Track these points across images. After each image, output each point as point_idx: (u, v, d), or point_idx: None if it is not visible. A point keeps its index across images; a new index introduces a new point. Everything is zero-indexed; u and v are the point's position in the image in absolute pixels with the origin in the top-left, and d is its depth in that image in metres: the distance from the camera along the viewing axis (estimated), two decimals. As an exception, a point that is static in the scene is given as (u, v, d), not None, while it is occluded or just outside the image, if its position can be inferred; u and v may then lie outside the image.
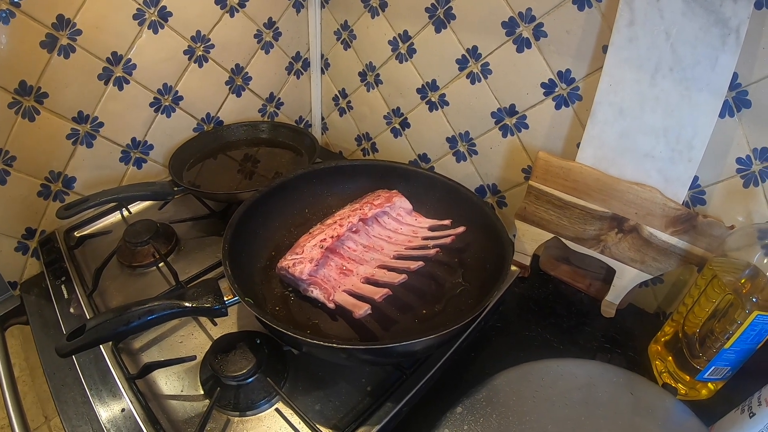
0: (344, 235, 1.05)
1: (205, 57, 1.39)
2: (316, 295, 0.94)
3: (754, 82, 0.90)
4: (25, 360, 1.22)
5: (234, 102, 1.54)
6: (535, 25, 1.12)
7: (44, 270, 1.19)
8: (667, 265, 1.05)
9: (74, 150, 1.25)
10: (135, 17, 1.21)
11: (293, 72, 1.66)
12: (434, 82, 1.37)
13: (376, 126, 1.62)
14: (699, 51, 0.90)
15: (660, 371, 1.01)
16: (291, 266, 0.97)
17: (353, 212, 1.09)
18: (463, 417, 0.84)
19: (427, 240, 1.08)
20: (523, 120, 1.24)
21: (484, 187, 1.43)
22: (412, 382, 0.90)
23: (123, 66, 1.24)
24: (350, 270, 1.01)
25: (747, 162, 0.96)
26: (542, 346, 1.08)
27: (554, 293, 1.23)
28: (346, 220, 1.07)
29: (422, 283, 1.02)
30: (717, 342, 0.87)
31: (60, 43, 1.12)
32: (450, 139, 1.42)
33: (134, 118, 1.34)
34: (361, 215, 1.09)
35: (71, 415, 0.90)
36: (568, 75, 1.12)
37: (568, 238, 1.15)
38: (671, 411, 0.87)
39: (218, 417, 0.87)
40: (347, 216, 1.08)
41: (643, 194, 1.02)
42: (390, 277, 0.98)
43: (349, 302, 0.93)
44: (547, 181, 1.13)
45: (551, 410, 0.85)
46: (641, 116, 1.00)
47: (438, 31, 1.29)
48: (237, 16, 1.41)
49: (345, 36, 1.54)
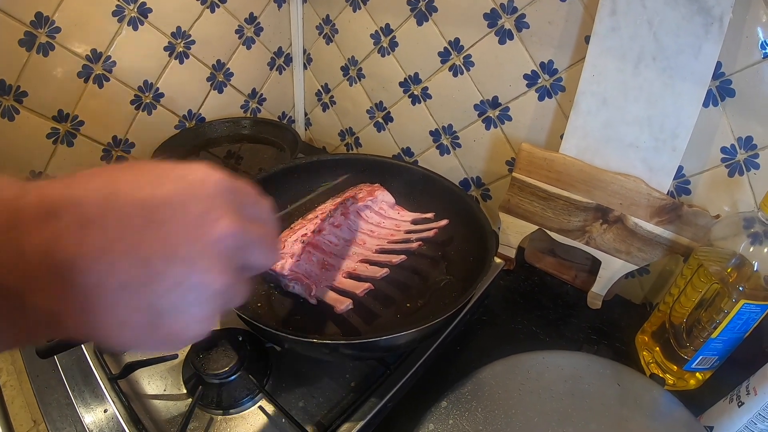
0: (326, 229, 1.04)
1: (185, 53, 1.38)
2: (298, 291, 0.93)
3: (738, 71, 0.90)
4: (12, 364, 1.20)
5: (216, 98, 1.53)
6: (517, 17, 1.11)
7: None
8: (653, 256, 1.04)
9: (55, 149, 1.23)
10: (114, 14, 1.20)
11: (275, 67, 1.65)
12: (417, 75, 1.36)
13: (360, 120, 1.61)
14: (682, 40, 0.89)
15: (647, 362, 1.01)
16: (272, 262, 0.96)
17: (335, 206, 1.08)
18: (449, 411, 0.84)
19: (409, 233, 1.07)
20: (506, 112, 1.24)
21: (468, 180, 1.42)
22: (396, 377, 0.90)
23: (103, 63, 1.23)
24: (332, 265, 1.00)
25: (731, 151, 0.96)
26: (528, 338, 1.08)
27: (540, 285, 1.23)
28: (328, 214, 1.05)
29: (405, 277, 1.01)
30: (704, 332, 0.87)
31: (39, 41, 1.10)
32: (433, 132, 1.42)
33: (115, 115, 1.33)
34: (342, 209, 1.08)
35: (55, 418, 0.88)
36: (551, 66, 1.12)
37: (553, 229, 1.14)
38: (659, 401, 0.87)
39: (201, 416, 0.86)
40: (329, 210, 1.06)
41: (627, 184, 1.02)
42: (372, 271, 0.97)
43: (331, 297, 0.92)
44: (530, 173, 1.13)
45: (537, 403, 0.85)
46: (624, 106, 1.00)
47: (420, 24, 1.28)
48: (218, 12, 1.39)
49: (327, 30, 1.53)
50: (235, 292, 0.44)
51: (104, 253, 0.36)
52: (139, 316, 0.38)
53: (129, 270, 0.37)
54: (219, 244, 0.40)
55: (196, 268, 0.39)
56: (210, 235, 0.40)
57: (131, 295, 0.37)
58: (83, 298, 0.36)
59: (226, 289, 0.41)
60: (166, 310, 0.38)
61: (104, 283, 0.36)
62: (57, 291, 0.36)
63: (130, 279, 0.37)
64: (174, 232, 0.39)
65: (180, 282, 0.38)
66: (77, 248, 0.35)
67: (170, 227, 0.39)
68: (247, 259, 0.45)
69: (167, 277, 0.38)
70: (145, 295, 0.37)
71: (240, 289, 0.45)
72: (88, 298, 0.36)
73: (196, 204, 0.40)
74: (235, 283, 0.43)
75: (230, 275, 0.42)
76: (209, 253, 0.40)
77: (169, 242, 0.38)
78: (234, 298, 0.44)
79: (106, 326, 0.37)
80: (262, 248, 0.47)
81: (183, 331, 0.40)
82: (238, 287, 0.44)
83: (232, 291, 0.43)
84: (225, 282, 0.41)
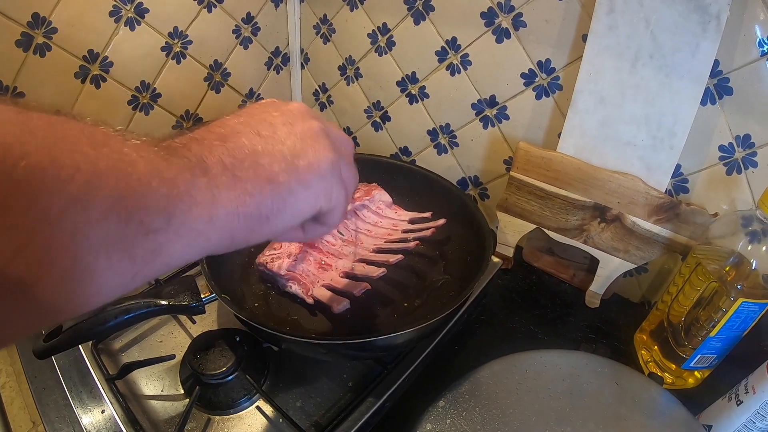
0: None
1: (183, 53, 1.38)
2: (295, 291, 0.93)
3: (736, 69, 0.90)
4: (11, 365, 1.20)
5: (213, 98, 1.52)
6: (514, 15, 1.11)
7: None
8: (651, 254, 1.04)
9: (52, 150, 1.23)
10: (111, 14, 1.19)
11: (273, 67, 1.65)
12: (414, 74, 1.36)
13: (357, 120, 1.60)
14: (679, 38, 0.89)
15: (646, 361, 1.01)
16: (269, 262, 0.96)
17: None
18: (446, 411, 0.84)
19: (407, 233, 1.07)
20: (503, 111, 1.23)
21: (466, 179, 1.42)
22: (393, 376, 0.89)
23: (100, 64, 1.22)
24: (329, 264, 0.99)
25: (729, 149, 0.96)
26: (526, 337, 1.08)
27: (538, 284, 1.23)
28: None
29: (403, 277, 1.01)
30: (702, 330, 0.87)
31: (35, 42, 1.10)
32: (431, 131, 1.41)
33: (112, 116, 1.32)
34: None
35: (53, 419, 0.88)
36: (548, 65, 1.11)
37: (551, 228, 1.14)
38: (657, 400, 0.87)
39: (199, 416, 0.86)
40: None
41: (625, 183, 1.02)
42: (369, 270, 0.97)
43: (328, 297, 0.92)
44: (528, 172, 1.12)
45: (535, 402, 0.85)
46: (622, 104, 0.99)
47: (417, 23, 1.28)
48: (215, 12, 1.39)
49: (324, 30, 1.53)
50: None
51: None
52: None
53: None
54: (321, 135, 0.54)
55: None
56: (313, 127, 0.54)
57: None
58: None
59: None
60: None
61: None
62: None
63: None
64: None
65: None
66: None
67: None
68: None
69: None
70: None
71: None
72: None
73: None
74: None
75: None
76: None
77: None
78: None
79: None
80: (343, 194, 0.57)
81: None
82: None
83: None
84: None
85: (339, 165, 0.54)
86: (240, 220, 0.46)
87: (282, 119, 0.52)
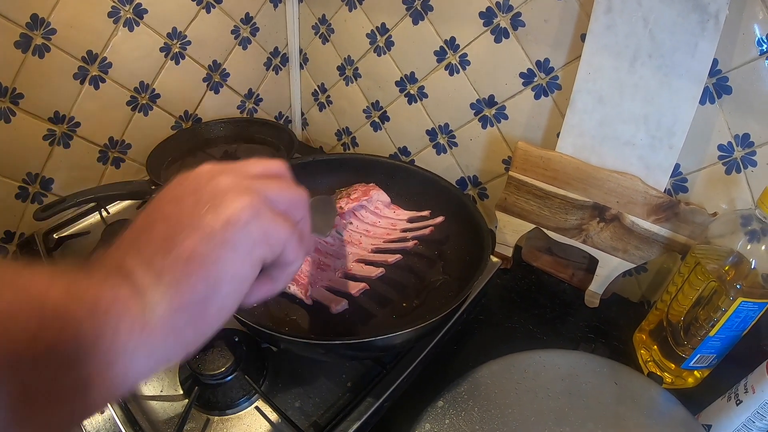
0: None
1: (181, 54, 1.38)
2: (293, 291, 0.93)
3: (735, 68, 0.90)
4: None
5: (212, 99, 1.53)
6: (512, 15, 1.11)
7: (23, 273, 1.17)
8: (650, 254, 1.04)
9: (51, 151, 1.23)
10: (110, 15, 1.20)
11: (272, 67, 1.65)
12: (413, 74, 1.36)
13: (356, 120, 1.61)
14: (678, 37, 0.89)
15: (645, 360, 1.01)
16: (267, 263, 0.96)
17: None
18: (445, 411, 0.83)
19: (405, 232, 1.07)
20: (502, 111, 1.23)
21: (465, 179, 1.42)
22: (392, 376, 0.89)
23: (99, 65, 1.23)
24: (327, 265, 0.99)
25: (729, 149, 0.96)
26: (525, 337, 1.08)
27: (537, 284, 1.23)
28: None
29: (402, 277, 1.00)
30: (702, 330, 0.87)
31: (34, 43, 1.10)
32: (430, 131, 1.42)
33: (111, 117, 1.32)
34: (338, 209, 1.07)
35: (51, 419, 0.88)
36: (547, 64, 1.11)
37: (550, 228, 1.14)
38: (657, 400, 0.87)
39: (198, 416, 0.86)
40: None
41: (624, 182, 1.02)
42: (367, 271, 0.97)
43: (327, 297, 0.91)
44: (527, 172, 1.12)
45: (534, 402, 0.85)
46: (621, 104, 0.99)
47: (416, 23, 1.28)
48: (213, 12, 1.39)
49: (323, 30, 1.53)
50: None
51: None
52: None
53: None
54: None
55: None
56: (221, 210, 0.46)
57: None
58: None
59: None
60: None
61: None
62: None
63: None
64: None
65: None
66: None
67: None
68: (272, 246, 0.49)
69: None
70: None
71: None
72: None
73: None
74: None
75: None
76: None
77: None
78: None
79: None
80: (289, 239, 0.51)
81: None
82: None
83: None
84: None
85: (262, 202, 0.48)
86: (179, 314, 0.43)
87: (188, 190, 0.48)
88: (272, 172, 0.55)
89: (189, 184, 0.48)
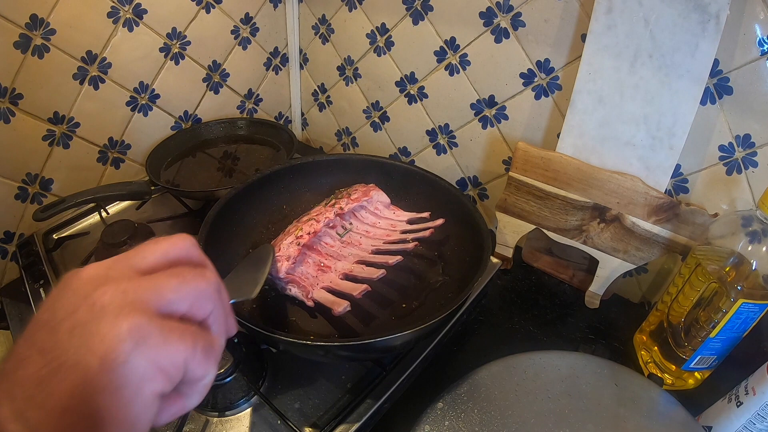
0: (321, 230, 1.03)
1: (181, 54, 1.38)
2: (295, 293, 0.93)
3: (736, 69, 0.89)
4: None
5: (212, 99, 1.53)
6: (513, 15, 1.11)
7: (23, 274, 1.17)
8: (651, 255, 1.04)
9: (51, 151, 1.23)
10: (109, 15, 1.19)
11: (271, 67, 1.65)
12: (413, 74, 1.36)
13: (356, 120, 1.60)
14: (678, 37, 0.89)
15: (645, 361, 1.00)
16: (268, 265, 0.96)
17: (330, 207, 1.07)
18: (444, 412, 0.83)
19: (405, 234, 1.07)
20: (502, 111, 1.23)
21: (465, 179, 1.42)
22: (392, 378, 0.89)
23: (98, 65, 1.22)
24: (328, 266, 0.99)
25: (729, 149, 0.95)
26: (525, 338, 1.08)
27: (537, 285, 1.23)
28: (323, 215, 1.05)
29: (401, 278, 1.00)
30: (702, 331, 0.87)
31: (34, 43, 1.10)
32: (430, 131, 1.41)
33: (111, 117, 1.32)
34: (337, 210, 1.07)
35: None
36: (547, 64, 1.11)
37: (550, 229, 1.14)
38: (657, 401, 0.87)
39: (197, 418, 0.85)
40: (324, 212, 1.06)
41: (624, 183, 1.01)
42: (368, 272, 0.96)
43: (328, 299, 0.91)
44: (527, 172, 1.12)
45: (534, 403, 0.85)
46: (621, 104, 0.99)
47: (416, 23, 1.28)
48: (213, 12, 1.39)
49: (323, 30, 1.53)
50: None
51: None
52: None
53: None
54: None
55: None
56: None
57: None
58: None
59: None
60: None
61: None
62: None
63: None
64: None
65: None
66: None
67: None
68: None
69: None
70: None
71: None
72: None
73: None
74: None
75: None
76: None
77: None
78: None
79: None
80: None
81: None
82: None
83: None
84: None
85: (148, 321, 0.39)
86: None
87: (65, 310, 0.39)
88: (171, 258, 0.46)
89: (67, 301, 0.40)
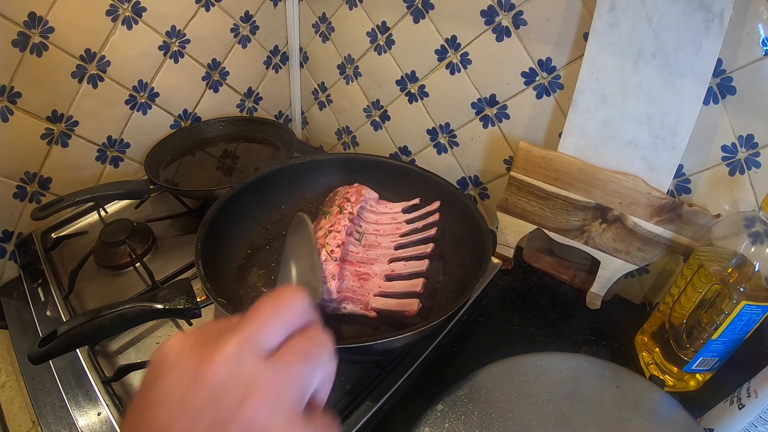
0: (346, 241, 1.01)
1: (180, 52, 1.37)
2: (351, 310, 0.91)
3: (739, 68, 0.89)
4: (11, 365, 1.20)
5: (211, 97, 1.52)
6: (514, 13, 1.10)
7: (21, 273, 1.17)
8: (653, 255, 1.03)
9: (49, 150, 1.22)
10: (108, 13, 1.19)
11: (271, 66, 1.64)
12: (413, 73, 1.35)
13: (356, 119, 1.60)
14: (682, 36, 0.88)
15: (647, 363, 1.00)
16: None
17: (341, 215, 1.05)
18: (444, 414, 0.83)
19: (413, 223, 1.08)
20: (503, 110, 1.22)
21: (466, 179, 1.41)
22: (391, 379, 0.89)
23: (97, 63, 1.22)
24: (366, 273, 0.97)
25: (732, 149, 0.95)
26: (526, 339, 1.08)
27: (538, 285, 1.22)
28: (340, 224, 1.03)
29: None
30: (704, 333, 0.86)
31: (32, 42, 1.09)
32: (430, 131, 1.41)
33: (110, 116, 1.32)
34: (349, 216, 1.06)
35: (50, 420, 0.88)
36: (549, 63, 1.10)
37: (551, 229, 1.13)
38: (658, 404, 0.86)
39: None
40: (338, 221, 1.04)
41: (626, 183, 1.01)
42: (412, 266, 0.97)
43: (393, 304, 0.90)
44: (528, 172, 1.11)
45: (535, 405, 0.84)
46: (624, 103, 0.98)
47: (416, 22, 1.27)
48: (213, 10, 1.39)
49: (323, 28, 1.52)
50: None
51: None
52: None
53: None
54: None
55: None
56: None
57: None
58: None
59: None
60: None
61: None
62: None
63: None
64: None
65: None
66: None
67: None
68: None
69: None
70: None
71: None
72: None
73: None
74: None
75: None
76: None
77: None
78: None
79: None
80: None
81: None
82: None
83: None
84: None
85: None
86: None
87: (204, 424, 0.35)
88: (294, 329, 0.43)
89: (204, 409, 0.36)
